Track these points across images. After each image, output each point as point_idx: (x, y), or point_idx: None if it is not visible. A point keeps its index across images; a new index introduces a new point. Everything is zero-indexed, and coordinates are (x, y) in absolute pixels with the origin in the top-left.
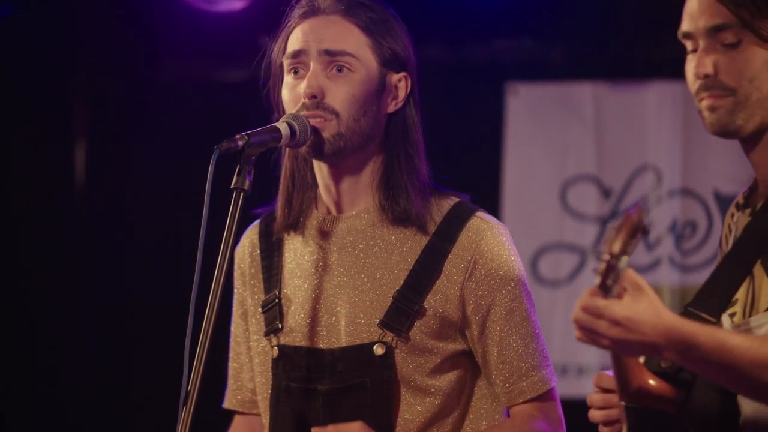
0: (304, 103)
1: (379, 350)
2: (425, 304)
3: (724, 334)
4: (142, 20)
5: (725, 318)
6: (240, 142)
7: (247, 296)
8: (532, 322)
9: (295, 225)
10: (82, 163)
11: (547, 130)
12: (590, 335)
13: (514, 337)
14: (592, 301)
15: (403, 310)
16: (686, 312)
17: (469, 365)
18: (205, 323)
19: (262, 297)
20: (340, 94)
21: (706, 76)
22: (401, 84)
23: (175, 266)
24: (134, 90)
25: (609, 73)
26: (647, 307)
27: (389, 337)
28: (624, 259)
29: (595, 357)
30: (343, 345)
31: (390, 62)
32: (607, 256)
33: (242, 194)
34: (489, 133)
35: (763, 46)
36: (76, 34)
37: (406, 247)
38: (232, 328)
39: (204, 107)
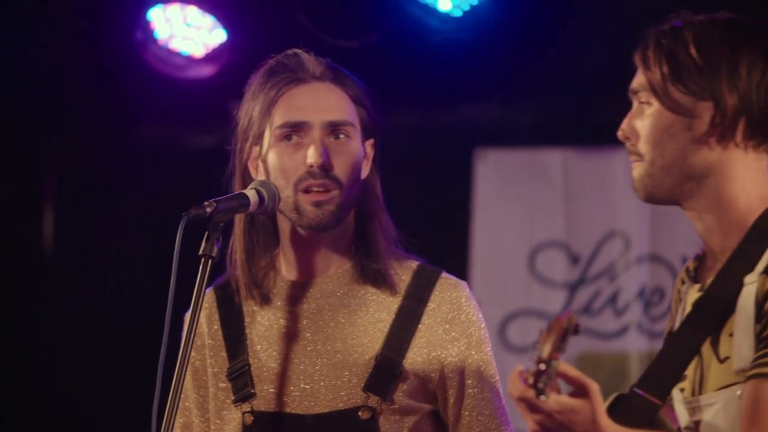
0: (310, 172)
1: (364, 415)
2: (405, 365)
3: None
4: (112, 86)
5: (675, 391)
6: (208, 209)
7: (206, 365)
8: (497, 379)
9: (260, 291)
10: (50, 228)
11: (515, 196)
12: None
13: (486, 395)
14: (529, 395)
15: (386, 373)
16: (632, 393)
17: (438, 424)
18: (173, 391)
19: (226, 365)
20: (343, 164)
21: (625, 138)
22: (370, 150)
23: (143, 332)
24: (102, 155)
25: (578, 140)
26: (586, 411)
27: (374, 400)
28: (554, 363)
29: None
30: (325, 410)
31: (367, 129)
32: (538, 362)
33: (210, 261)
34: (458, 199)
35: (669, 112)
36: (44, 99)
37: (379, 309)
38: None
39: (173, 173)
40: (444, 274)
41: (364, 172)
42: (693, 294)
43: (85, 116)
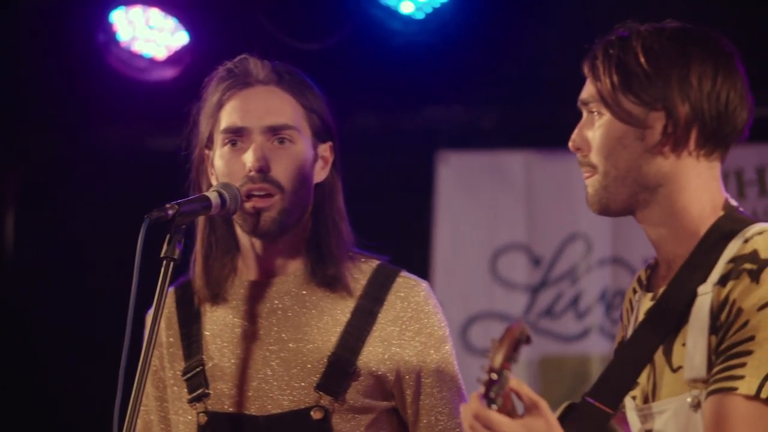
0: (249, 176)
1: (317, 415)
2: (360, 364)
3: None
4: (74, 87)
5: (627, 399)
6: (170, 212)
7: (165, 364)
8: (459, 378)
9: (216, 292)
10: (11, 230)
11: (477, 198)
12: None
13: (445, 394)
14: (484, 412)
15: (339, 373)
16: (584, 402)
17: (398, 422)
18: (135, 390)
19: (182, 364)
20: (284, 167)
21: (576, 149)
22: (327, 154)
23: (105, 335)
24: (65, 157)
25: (539, 142)
26: (541, 427)
27: (326, 400)
28: (506, 373)
29: None
30: (279, 410)
31: (320, 132)
32: (489, 372)
33: (172, 263)
34: (420, 202)
35: (620, 123)
36: (6, 100)
37: (336, 309)
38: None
39: (136, 175)
40: (403, 273)
41: (319, 176)
42: (645, 303)
43: (47, 118)
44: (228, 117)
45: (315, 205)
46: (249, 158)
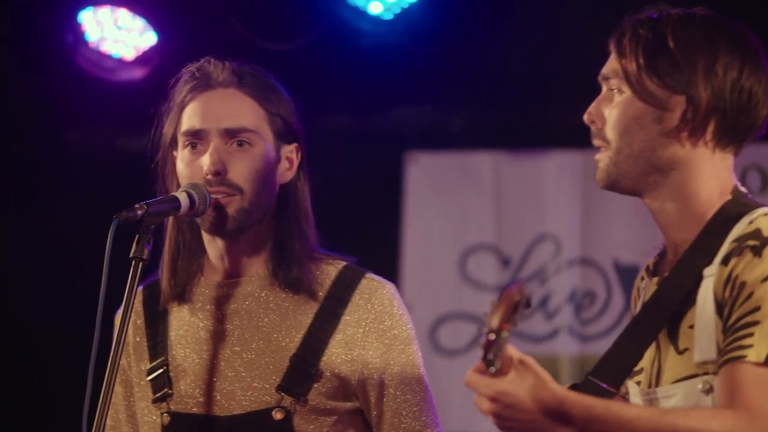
0: (207, 180)
1: (278, 415)
2: (322, 366)
3: (620, 407)
4: (42, 88)
5: (632, 384)
6: (139, 212)
7: (131, 363)
8: (424, 379)
9: (183, 294)
10: None
11: (446, 199)
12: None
13: (409, 396)
14: (472, 377)
15: (301, 374)
16: (586, 381)
17: (362, 423)
18: (104, 391)
19: (148, 364)
20: (243, 170)
21: (591, 122)
22: (293, 155)
23: (74, 334)
24: (35, 157)
25: (508, 143)
26: (531, 382)
27: (288, 401)
28: (504, 334)
29: (493, 426)
30: (241, 411)
31: (283, 134)
32: (487, 332)
33: (141, 263)
34: (389, 202)
35: (640, 102)
36: None
37: (300, 311)
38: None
39: (104, 175)
40: (368, 275)
41: (284, 177)
42: (651, 288)
43: (15, 119)
44: (188, 120)
45: (279, 205)
46: (206, 161)
